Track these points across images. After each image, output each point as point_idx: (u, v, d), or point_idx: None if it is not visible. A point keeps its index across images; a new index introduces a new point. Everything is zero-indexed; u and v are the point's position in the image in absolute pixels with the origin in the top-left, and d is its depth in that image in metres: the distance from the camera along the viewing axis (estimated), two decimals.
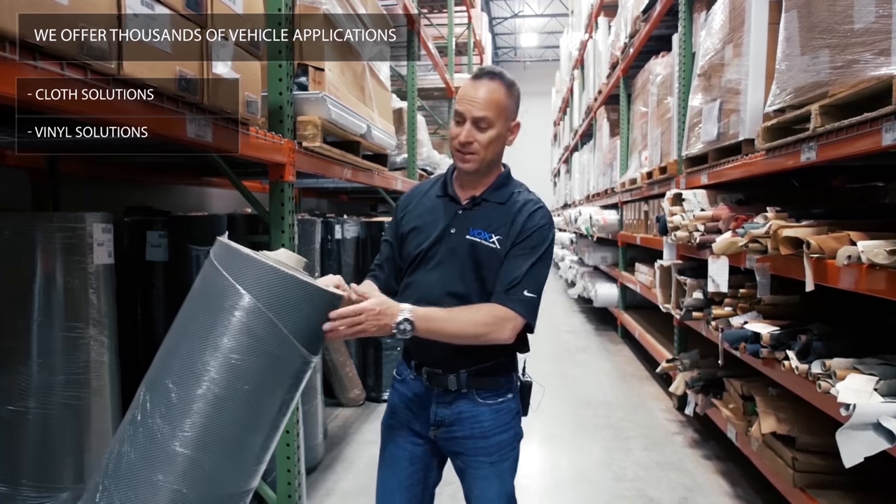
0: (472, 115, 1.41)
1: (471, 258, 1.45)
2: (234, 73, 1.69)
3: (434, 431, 1.50)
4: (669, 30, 4.24)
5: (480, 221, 1.47)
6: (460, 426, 1.48)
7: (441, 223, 1.49)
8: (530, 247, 1.44)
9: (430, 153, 5.22)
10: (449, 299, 1.43)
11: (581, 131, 9.42)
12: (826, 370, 1.93)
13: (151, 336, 2.08)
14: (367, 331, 1.29)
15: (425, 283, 1.47)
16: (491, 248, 1.44)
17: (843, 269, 1.79)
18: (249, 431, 1.15)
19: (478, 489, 1.51)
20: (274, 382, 1.16)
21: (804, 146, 2.09)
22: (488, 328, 1.39)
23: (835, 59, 1.91)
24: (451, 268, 1.45)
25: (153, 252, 2.04)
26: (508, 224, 1.46)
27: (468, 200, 1.50)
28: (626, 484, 2.95)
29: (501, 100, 1.43)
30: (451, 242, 1.47)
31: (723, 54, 2.92)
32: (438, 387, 1.48)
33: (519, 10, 22.10)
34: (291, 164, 2.22)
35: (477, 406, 1.48)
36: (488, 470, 1.49)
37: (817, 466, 2.23)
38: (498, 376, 1.50)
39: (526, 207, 1.48)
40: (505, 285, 1.42)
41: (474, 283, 1.45)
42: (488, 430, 1.49)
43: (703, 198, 3.20)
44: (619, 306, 6.47)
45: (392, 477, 1.54)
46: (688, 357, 3.59)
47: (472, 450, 1.49)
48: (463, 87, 1.45)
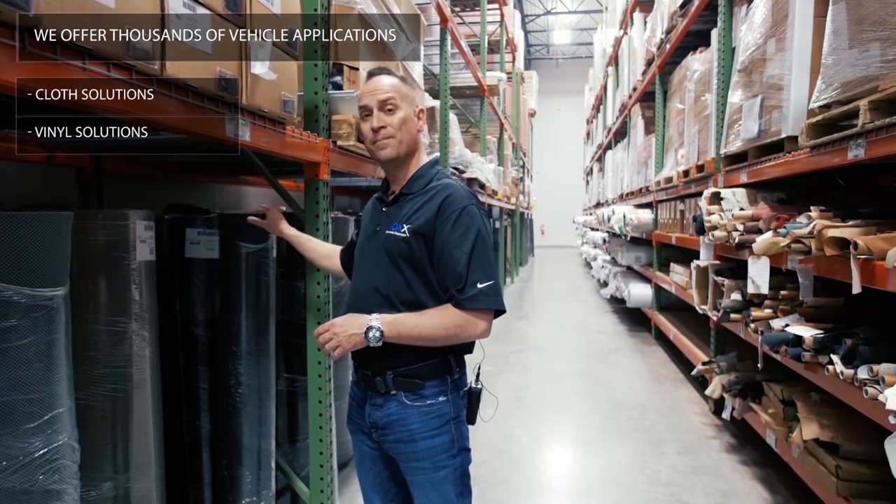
0: (377, 100, 1.46)
1: (385, 252, 1.45)
2: (272, 72, 1.72)
3: (374, 434, 1.50)
4: (708, 25, 4.15)
5: (399, 215, 1.48)
6: (391, 430, 1.46)
7: (373, 224, 1.55)
8: (459, 234, 1.39)
9: (462, 151, 5.21)
10: (373, 294, 1.45)
11: (615, 129, 9.29)
12: (873, 375, 1.86)
13: (190, 331, 2.12)
14: (343, 345, 1.36)
15: (357, 285, 1.52)
16: (401, 237, 1.43)
17: (893, 270, 1.72)
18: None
19: (416, 499, 1.48)
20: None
21: (852, 143, 2.02)
22: (459, 329, 1.38)
23: (886, 53, 1.84)
24: (375, 266, 1.48)
25: (192, 249, 2.08)
26: (422, 212, 1.44)
27: (392, 197, 1.53)
28: (660, 488, 2.90)
29: (400, 86, 1.49)
30: (376, 241, 1.50)
31: (765, 49, 2.84)
32: (370, 389, 1.48)
33: (552, 7, 21.90)
34: (326, 162, 2.24)
35: (405, 409, 1.44)
36: (421, 478, 1.44)
37: (863, 475, 2.15)
38: (426, 378, 1.44)
39: (439, 194, 1.45)
40: (455, 286, 1.38)
41: (396, 276, 1.43)
42: (416, 434, 1.43)
43: (743, 196, 3.12)
44: (652, 307, 6.36)
45: (364, 478, 1.57)
46: (725, 360, 3.51)
47: (403, 455, 1.46)
48: (362, 90, 1.51)
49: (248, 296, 2.11)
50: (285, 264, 2.63)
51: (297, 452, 2.66)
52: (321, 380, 2.28)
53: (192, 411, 2.14)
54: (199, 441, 2.14)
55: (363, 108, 1.48)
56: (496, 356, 5.40)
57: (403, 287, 1.42)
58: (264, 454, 2.18)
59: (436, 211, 1.41)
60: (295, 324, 2.55)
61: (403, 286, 1.42)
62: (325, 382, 2.28)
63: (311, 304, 2.28)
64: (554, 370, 5.11)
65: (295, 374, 2.65)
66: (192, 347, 2.13)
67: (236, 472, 2.10)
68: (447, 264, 1.39)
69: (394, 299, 1.43)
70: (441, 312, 1.39)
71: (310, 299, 2.28)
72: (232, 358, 2.09)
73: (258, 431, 2.15)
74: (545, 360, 5.45)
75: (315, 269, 2.26)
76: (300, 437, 2.66)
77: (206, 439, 2.13)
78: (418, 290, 1.42)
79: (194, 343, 2.12)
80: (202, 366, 2.12)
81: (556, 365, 5.29)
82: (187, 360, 2.14)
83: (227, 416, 2.09)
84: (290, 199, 2.31)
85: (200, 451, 2.13)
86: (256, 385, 2.13)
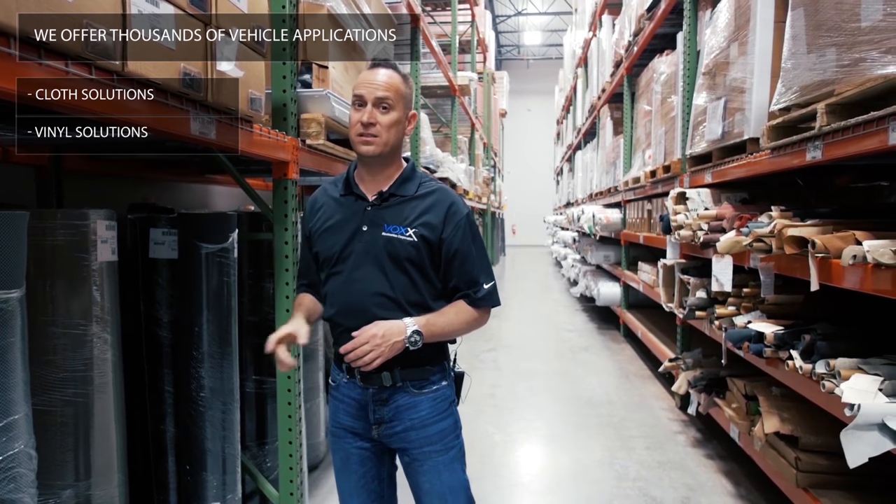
0: (374, 97, 1.43)
1: (389, 255, 1.45)
2: (239, 70, 1.69)
3: (376, 430, 1.51)
4: (674, 28, 4.23)
5: (394, 217, 1.47)
6: (399, 420, 1.49)
7: (352, 222, 1.48)
8: (469, 242, 1.49)
9: (433, 151, 5.21)
10: (379, 299, 1.44)
11: (584, 130, 9.40)
12: (830, 370, 1.92)
13: (154, 333, 2.08)
14: (384, 355, 1.38)
15: (350, 287, 1.46)
16: (409, 241, 1.45)
17: (849, 268, 1.78)
18: None
19: (427, 482, 1.51)
20: None
21: (810, 145, 2.08)
22: (475, 324, 1.51)
23: (841, 58, 1.90)
24: (374, 268, 1.45)
25: (157, 249, 2.04)
26: (427, 218, 1.47)
27: (376, 196, 1.49)
28: (629, 483, 2.95)
29: (400, 86, 1.46)
30: (365, 240, 1.46)
31: (728, 53, 2.91)
32: (373, 385, 1.49)
33: (522, 8, 22.05)
34: (295, 161, 2.22)
35: (414, 397, 1.49)
36: (434, 460, 1.50)
37: (821, 467, 2.22)
38: (430, 365, 1.51)
39: (440, 202, 1.49)
40: (470, 288, 1.49)
41: (401, 278, 1.45)
42: (427, 419, 1.50)
43: (707, 197, 3.19)
44: (621, 305, 6.46)
45: (347, 481, 1.55)
46: (691, 356, 3.58)
47: (414, 442, 1.50)
48: (361, 76, 1.48)
49: (209, 297, 2.07)
50: (254, 265, 2.60)
51: (266, 455, 2.63)
52: (290, 381, 2.26)
53: (157, 415, 2.10)
54: (164, 445, 2.10)
55: (358, 96, 1.45)
56: (469, 354, 5.42)
57: (410, 289, 1.46)
58: (229, 458, 2.15)
59: (443, 218, 1.47)
60: (264, 325, 2.52)
61: (410, 288, 1.46)
62: (294, 384, 2.26)
63: (281, 304, 2.25)
64: (525, 368, 5.15)
65: (263, 375, 2.61)
66: (156, 350, 2.08)
67: (200, 476, 2.06)
68: (462, 269, 1.49)
69: (402, 301, 1.45)
70: (459, 311, 1.49)
71: (278, 300, 2.25)
72: (194, 361, 2.05)
73: (222, 435, 2.12)
74: (517, 358, 5.49)
75: (284, 270, 2.24)
76: (269, 439, 2.63)
77: (172, 443, 2.09)
78: (423, 291, 1.48)
79: (159, 345, 2.08)
80: (167, 368, 2.08)
81: (528, 363, 5.34)
82: (152, 363, 2.09)
83: (190, 420, 2.06)
84: (258, 199, 2.28)
85: (166, 456, 2.09)
86: (219, 388, 2.10)
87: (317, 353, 3.13)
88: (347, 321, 1.44)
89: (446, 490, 1.50)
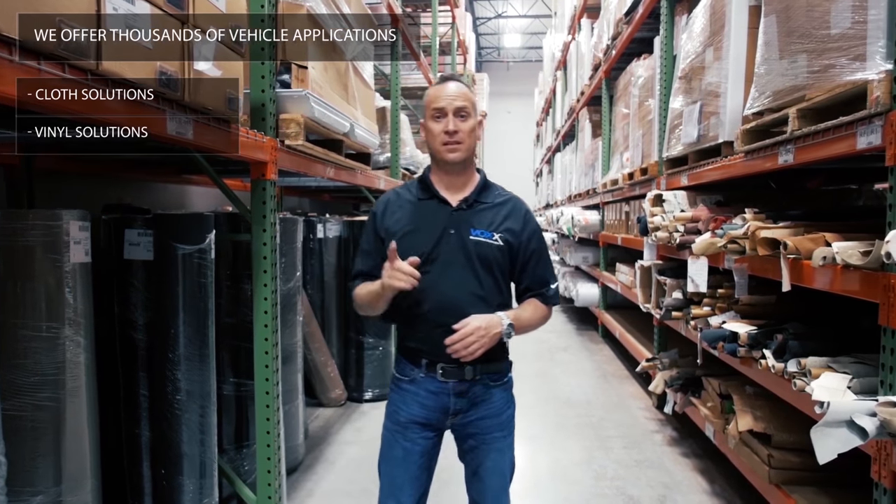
0: (454, 107, 1.57)
1: (478, 258, 1.58)
2: (217, 70, 1.68)
3: (452, 420, 1.64)
4: (651, 32, 4.28)
5: (480, 222, 1.61)
6: (476, 410, 1.64)
7: (437, 224, 1.59)
8: (543, 247, 1.69)
9: (413, 152, 5.20)
10: (473, 299, 1.57)
11: (563, 132, 9.48)
12: (801, 369, 1.97)
13: (129, 335, 2.05)
14: (485, 346, 1.53)
15: (444, 286, 1.56)
16: (496, 245, 1.60)
17: (819, 269, 1.82)
18: None
19: (491, 461, 1.66)
20: None
21: (782, 149, 2.13)
22: (545, 319, 1.70)
23: (812, 64, 1.95)
24: (465, 269, 1.58)
25: (132, 250, 2.01)
26: (509, 224, 1.62)
27: (461, 201, 1.62)
28: (606, 483, 2.98)
29: (471, 96, 1.62)
30: (453, 242, 1.58)
31: (703, 57, 2.96)
32: (453, 379, 1.60)
33: (503, 11, 22.15)
34: (273, 162, 2.20)
35: (489, 389, 1.64)
36: (503, 443, 1.68)
37: (793, 463, 2.27)
38: (500, 361, 1.67)
39: (517, 209, 1.67)
40: (542, 287, 1.68)
41: (488, 279, 1.60)
42: (500, 408, 1.67)
43: (683, 199, 3.24)
44: (599, 306, 6.52)
45: (405, 472, 1.64)
46: (667, 356, 3.63)
47: (487, 428, 1.65)
48: (434, 91, 1.61)
49: (185, 299, 2.05)
50: (231, 266, 2.57)
51: (244, 458, 2.60)
52: (268, 383, 2.24)
53: (132, 419, 2.06)
54: (139, 450, 2.06)
55: (438, 109, 1.58)
56: None
57: (495, 289, 1.61)
58: (206, 461, 2.12)
59: (522, 224, 1.64)
60: (242, 327, 2.50)
61: (495, 288, 1.61)
62: (272, 386, 2.24)
63: (259, 306, 2.23)
64: None
65: (242, 378, 2.59)
66: (131, 352, 2.05)
67: (176, 480, 2.04)
68: (535, 271, 1.66)
69: (490, 300, 1.59)
70: (535, 308, 1.66)
71: (256, 302, 2.24)
72: (170, 363, 2.03)
73: (199, 438, 2.09)
74: None
75: (262, 271, 2.22)
76: (247, 442, 2.61)
77: (147, 448, 2.05)
78: (503, 291, 1.64)
79: (134, 348, 2.05)
80: (142, 371, 2.05)
81: None
82: (127, 366, 2.06)
83: (166, 424, 2.03)
84: (236, 199, 2.26)
85: (141, 461, 2.06)
86: (196, 391, 2.08)
87: (295, 355, 3.11)
88: (443, 318, 1.54)
89: (507, 467, 1.69)
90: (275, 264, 2.26)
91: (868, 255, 1.64)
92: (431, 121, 1.59)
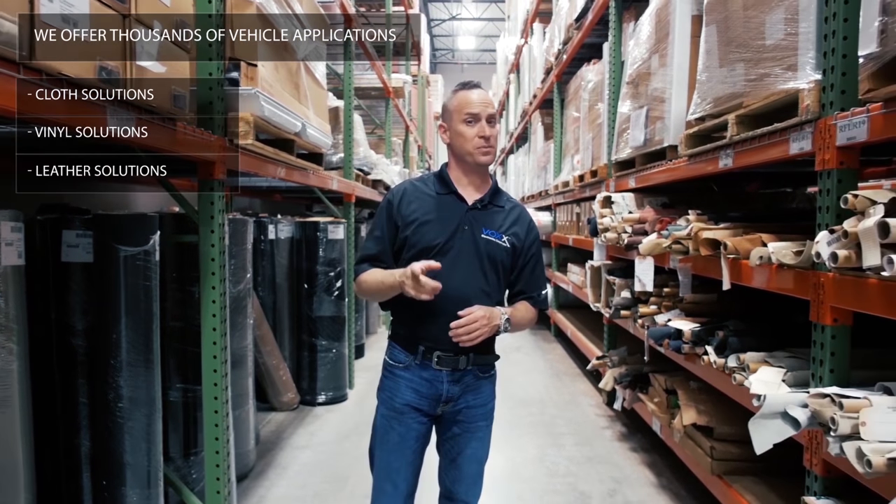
0: (486, 114, 1.67)
1: (487, 256, 1.68)
2: (161, 67, 1.63)
3: (443, 407, 1.72)
4: (601, 38, 4.39)
5: (491, 223, 1.71)
6: (464, 399, 1.72)
7: (453, 219, 1.68)
8: (540, 255, 1.80)
9: (366, 153, 5.17)
10: (479, 293, 1.65)
11: (517, 134, 9.60)
12: (740, 364, 2.05)
13: (68, 341, 1.96)
14: (486, 334, 1.60)
15: (454, 277, 1.62)
16: (504, 247, 1.70)
17: (756, 268, 1.91)
18: None
19: (472, 449, 1.76)
20: None
21: (722, 153, 2.22)
22: (533, 321, 1.79)
23: (749, 72, 2.04)
24: (473, 265, 1.67)
25: (70, 252, 1.92)
26: (516, 229, 1.73)
27: (476, 201, 1.71)
28: (559, 479, 3.03)
29: (494, 103, 1.76)
30: (465, 238, 1.67)
31: (649, 64, 3.05)
32: (447, 367, 1.67)
33: (457, 13, 22.27)
34: (222, 161, 2.15)
35: (479, 380, 1.73)
36: (485, 432, 1.78)
37: (733, 454, 2.37)
38: (490, 354, 1.76)
39: (523, 216, 1.77)
40: (536, 292, 1.78)
41: (493, 276, 1.69)
42: (487, 399, 1.77)
43: (631, 200, 3.33)
44: (552, 306, 6.63)
45: (400, 456, 1.71)
46: (616, 354, 3.73)
47: (473, 416, 1.74)
48: (463, 96, 1.69)
49: (128, 302, 1.98)
50: (178, 269, 2.50)
51: (191, 466, 2.53)
52: (217, 388, 2.18)
53: (71, 429, 1.98)
54: (78, 460, 1.98)
55: (471, 114, 1.66)
56: None
57: (497, 288, 1.71)
58: (151, 470, 2.05)
59: (526, 232, 1.75)
60: (189, 330, 2.42)
61: (497, 286, 1.71)
62: (221, 391, 2.19)
63: (207, 309, 2.18)
64: None
65: (189, 383, 2.51)
66: (70, 359, 1.96)
67: (119, 491, 1.96)
68: (531, 276, 1.76)
69: (492, 296, 1.69)
70: (527, 309, 1.76)
71: (204, 305, 2.18)
72: (112, 370, 1.95)
73: (143, 447, 2.02)
74: None
75: (210, 273, 2.17)
76: (196, 449, 2.53)
77: (87, 458, 1.97)
78: (502, 290, 1.74)
79: (73, 354, 1.96)
80: (82, 378, 1.96)
81: None
82: (65, 374, 1.97)
83: (108, 433, 1.95)
84: (182, 200, 2.20)
85: (80, 472, 1.97)
86: (140, 397, 2.01)
87: (246, 359, 3.04)
88: (449, 307, 1.60)
89: (484, 456, 1.80)
90: (223, 266, 2.21)
91: (800, 254, 1.73)
92: (463, 125, 1.67)
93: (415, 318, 1.67)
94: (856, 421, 1.37)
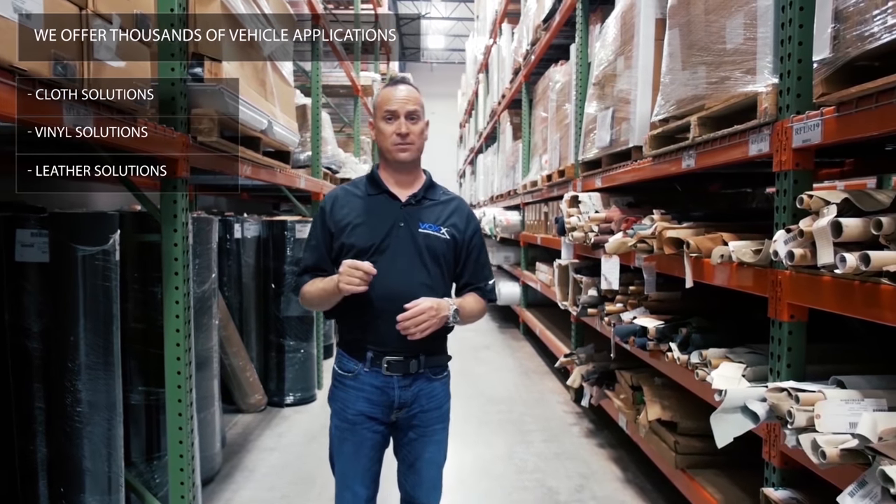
0: (405, 111, 1.64)
1: (427, 249, 1.66)
2: (120, 61, 1.58)
3: (397, 413, 1.68)
4: (568, 40, 4.44)
5: (428, 216, 1.69)
6: (418, 403, 1.69)
7: (387, 217, 1.66)
8: (483, 245, 1.79)
9: (335, 151, 5.13)
10: (421, 288, 1.62)
11: (486, 134, 9.64)
12: (703, 360, 2.10)
13: (22, 344, 1.89)
14: (434, 326, 1.57)
15: (394, 276, 1.61)
16: (444, 238, 1.69)
17: (717, 267, 1.96)
18: None
19: (429, 453, 1.74)
20: None
21: (685, 154, 2.27)
22: (482, 312, 1.78)
23: (710, 75, 2.09)
24: (413, 260, 1.64)
25: (24, 252, 1.85)
26: (454, 220, 1.71)
27: (410, 197, 1.70)
28: (527, 476, 3.06)
29: (420, 99, 1.69)
30: (402, 235, 1.65)
31: (615, 65, 3.10)
32: (398, 373, 1.65)
33: (426, 12, 22.25)
34: (185, 159, 2.11)
35: (431, 382, 1.71)
36: (441, 434, 1.76)
37: (696, 448, 2.42)
38: (442, 354, 1.75)
39: (461, 207, 1.76)
40: (482, 283, 1.77)
41: (435, 269, 1.67)
42: (441, 401, 1.74)
43: (598, 200, 3.38)
44: (521, 304, 6.68)
45: (356, 465, 1.69)
46: (584, 351, 3.78)
47: (428, 420, 1.72)
48: (385, 93, 1.67)
49: (86, 304, 1.92)
50: (140, 269, 2.44)
51: (154, 470, 2.47)
52: (181, 391, 2.14)
53: (25, 435, 1.91)
54: (34, 467, 1.91)
55: (389, 111, 1.64)
56: None
57: (440, 280, 1.68)
58: (112, 476, 2.00)
59: (466, 223, 1.73)
60: (152, 332, 2.37)
61: (441, 279, 1.68)
62: (185, 393, 2.15)
63: (170, 310, 2.13)
64: None
65: (152, 386, 2.45)
66: (25, 363, 1.90)
67: (77, 498, 1.90)
68: (475, 267, 1.75)
69: (436, 290, 1.65)
70: (476, 300, 1.74)
71: (167, 305, 2.13)
72: (69, 373, 1.89)
73: (103, 452, 1.96)
74: None
75: (173, 273, 2.12)
76: (159, 453, 2.48)
77: (44, 465, 1.91)
78: (447, 283, 1.71)
79: (28, 357, 1.89)
80: (38, 383, 1.89)
81: None
82: (19, 378, 1.90)
83: (65, 438, 1.89)
84: (143, 198, 2.15)
85: (36, 479, 1.90)
86: (99, 401, 1.95)
87: (211, 360, 2.99)
88: (392, 306, 1.58)
89: (442, 459, 1.77)
90: (187, 266, 2.17)
91: (759, 253, 1.78)
92: (383, 122, 1.65)
93: (360, 321, 1.64)
94: (811, 414, 1.41)
